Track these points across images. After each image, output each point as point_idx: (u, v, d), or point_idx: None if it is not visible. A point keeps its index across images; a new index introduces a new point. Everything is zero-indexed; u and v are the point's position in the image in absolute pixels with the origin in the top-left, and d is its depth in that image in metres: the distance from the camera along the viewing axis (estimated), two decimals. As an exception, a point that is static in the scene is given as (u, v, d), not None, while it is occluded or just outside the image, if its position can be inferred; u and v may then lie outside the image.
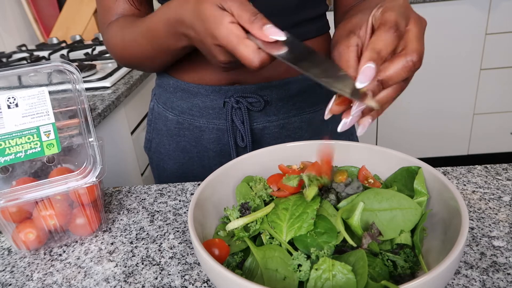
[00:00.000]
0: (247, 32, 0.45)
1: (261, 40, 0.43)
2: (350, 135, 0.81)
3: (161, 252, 0.54)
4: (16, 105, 0.52)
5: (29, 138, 0.52)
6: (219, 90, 0.70)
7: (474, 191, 0.60)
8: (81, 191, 0.55)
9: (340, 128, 0.43)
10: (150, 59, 0.67)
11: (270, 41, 0.43)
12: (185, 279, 0.49)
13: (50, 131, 0.53)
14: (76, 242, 0.58)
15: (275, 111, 0.72)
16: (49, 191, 0.52)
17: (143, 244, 0.56)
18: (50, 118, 0.53)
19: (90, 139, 0.55)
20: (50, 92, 0.54)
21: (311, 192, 0.44)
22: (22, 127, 0.52)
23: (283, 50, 0.43)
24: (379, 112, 0.44)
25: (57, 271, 0.52)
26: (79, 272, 0.52)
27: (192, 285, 0.48)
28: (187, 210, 0.56)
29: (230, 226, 0.45)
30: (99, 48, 1.67)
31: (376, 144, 1.26)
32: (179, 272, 0.50)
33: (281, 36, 0.43)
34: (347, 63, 0.44)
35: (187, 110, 0.74)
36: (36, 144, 0.52)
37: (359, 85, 0.40)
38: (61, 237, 0.57)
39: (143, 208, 0.64)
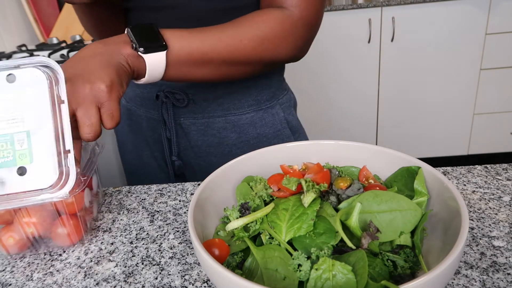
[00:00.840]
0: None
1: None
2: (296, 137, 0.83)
3: (161, 252, 0.54)
4: None
5: (2, 146, 0.46)
6: (154, 83, 0.72)
7: (474, 191, 0.60)
8: (61, 203, 0.52)
9: None
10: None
11: None
12: (185, 279, 0.49)
13: (24, 140, 0.47)
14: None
15: (200, 110, 0.76)
16: (21, 203, 0.47)
17: (143, 244, 0.56)
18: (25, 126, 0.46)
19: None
20: None
21: (308, 199, 0.44)
22: None
23: None
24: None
25: (57, 271, 0.52)
26: (79, 272, 0.52)
27: (192, 285, 0.48)
28: (187, 210, 0.56)
29: (230, 226, 0.45)
30: (99, 48, 1.67)
31: (376, 144, 1.26)
32: (179, 272, 0.50)
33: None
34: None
35: (133, 98, 0.82)
36: (9, 153, 0.46)
37: None
38: (41, 245, 0.55)
39: (143, 208, 0.64)
